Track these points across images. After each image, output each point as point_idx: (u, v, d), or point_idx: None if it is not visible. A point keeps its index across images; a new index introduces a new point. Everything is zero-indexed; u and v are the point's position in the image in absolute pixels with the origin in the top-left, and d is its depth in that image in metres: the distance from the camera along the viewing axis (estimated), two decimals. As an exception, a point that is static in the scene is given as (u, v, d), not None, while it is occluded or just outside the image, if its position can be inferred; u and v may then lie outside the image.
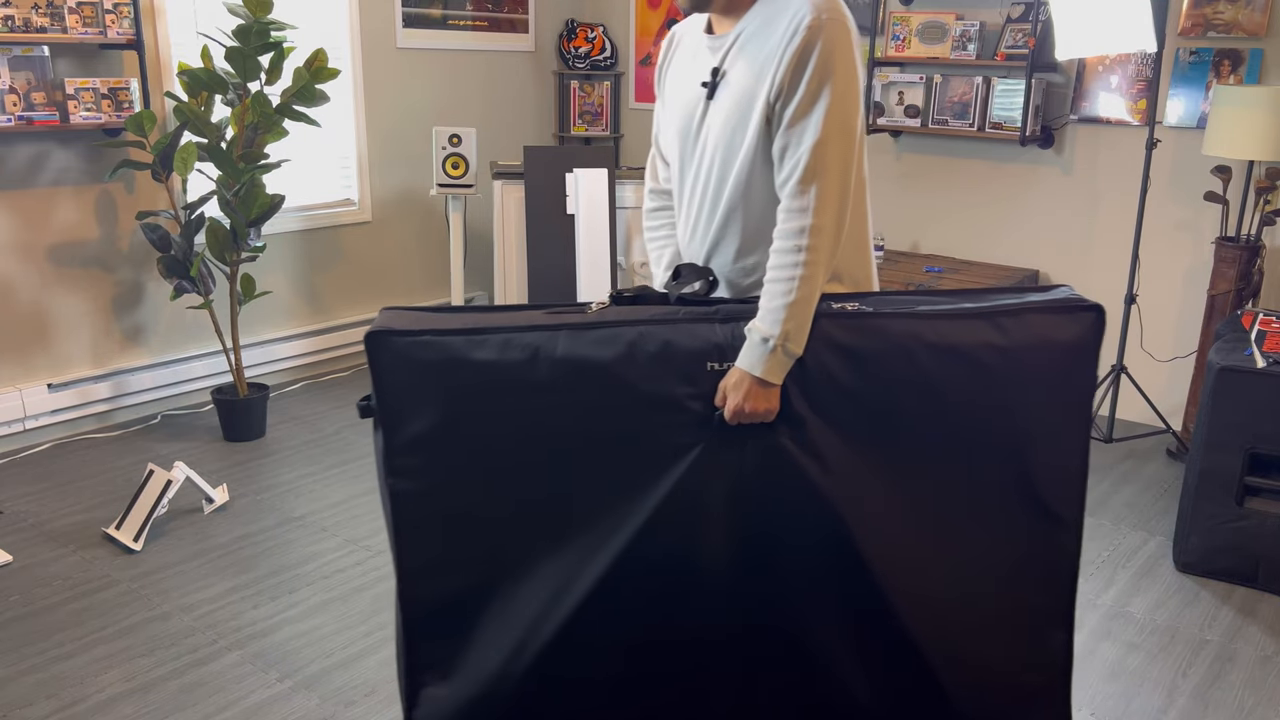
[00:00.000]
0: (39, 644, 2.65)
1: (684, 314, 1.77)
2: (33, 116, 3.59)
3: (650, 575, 1.75)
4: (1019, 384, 1.76)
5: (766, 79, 1.71)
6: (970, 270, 4.45)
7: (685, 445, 1.73)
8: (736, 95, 1.76)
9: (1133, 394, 4.31)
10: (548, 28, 5.59)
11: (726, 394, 1.70)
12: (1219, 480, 2.98)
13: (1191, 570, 3.08)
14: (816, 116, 1.68)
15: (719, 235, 1.87)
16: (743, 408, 1.69)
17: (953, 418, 1.76)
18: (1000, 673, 1.86)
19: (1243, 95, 3.47)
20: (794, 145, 1.70)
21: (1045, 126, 4.31)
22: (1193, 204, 4.06)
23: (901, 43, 4.53)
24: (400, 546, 1.78)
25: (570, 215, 4.26)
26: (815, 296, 1.70)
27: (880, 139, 4.82)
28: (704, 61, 1.85)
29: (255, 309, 4.54)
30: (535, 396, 1.72)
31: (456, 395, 1.73)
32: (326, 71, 3.81)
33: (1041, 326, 1.76)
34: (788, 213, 1.71)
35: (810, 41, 1.66)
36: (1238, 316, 3.40)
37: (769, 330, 1.68)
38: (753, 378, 1.68)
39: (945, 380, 1.74)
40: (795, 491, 1.74)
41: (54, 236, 3.87)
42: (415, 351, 1.73)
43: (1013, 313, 1.76)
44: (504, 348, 1.72)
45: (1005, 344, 1.75)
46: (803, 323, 1.69)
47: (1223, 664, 2.64)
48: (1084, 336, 1.76)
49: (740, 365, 1.70)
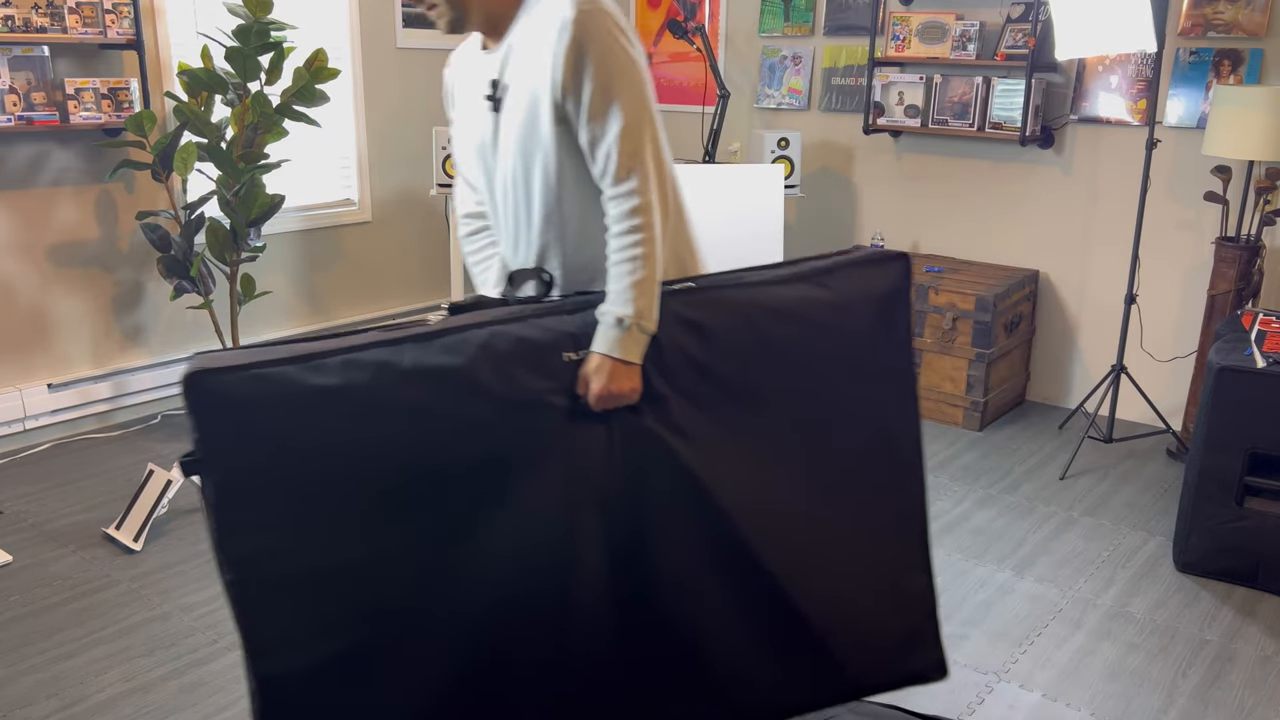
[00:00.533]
0: (39, 644, 2.65)
1: (531, 310, 1.75)
2: (33, 116, 3.59)
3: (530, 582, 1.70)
4: (850, 335, 1.89)
5: (546, 80, 1.73)
6: (970, 270, 4.45)
7: (552, 441, 1.70)
8: (522, 102, 1.78)
9: (1133, 394, 4.31)
10: (548, 28, 5.59)
11: (589, 381, 1.71)
12: (1219, 480, 2.98)
13: (1191, 570, 3.08)
14: (614, 103, 1.72)
15: (544, 241, 1.87)
16: (608, 390, 1.70)
17: (798, 377, 1.86)
18: (871, 619, 1.97)
19: (1243, 95, 3.47)
20: (601, 136, 1.73)
21: (1045, 126, 4.31)
22: (1193, 204, 4.06)
23: (901, 43, 4.53)
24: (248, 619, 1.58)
25: (570, 215, 4.25)
26: (659, 273, 1.74)
27: (880, 139, 4.82)
28: (483, 77, 1.88)
29: (255, 309, 4.54)
30: (387, 417, 1.60)
31: (298, 430, 1.56)
32: (326, 71, 3.81)
33: (860, 280, 1.90)
34: (615, 200, 1.74)
35: (579, 36, 1.69)
36: (1238, 316, 3.40)
37: (621, 310, 1.71)
38: (613, 360, 1.70)
39: (786, 341, 1.84)
40: (666, 471, 1.76)
41: (54, 236, 3.87)
42: (245, 388, 1.54)
43: (831, 270, 1.90)
44: (346, 369, 1.59)
45: (833, 299, 1.88)
46: (652, 299, 1.73)
47: (1223, 664, 2.64)
48: (897, 283, 1.92)
49: (598, 350, 1.71)
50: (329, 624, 1.61)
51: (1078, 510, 3.50)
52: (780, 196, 4.36)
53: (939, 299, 4.18)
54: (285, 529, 1.57)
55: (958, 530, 3.32)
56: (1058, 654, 2.66)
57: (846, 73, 4.85)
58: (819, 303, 1.87)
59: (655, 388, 1.75)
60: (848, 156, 4.95)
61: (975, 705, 2.45)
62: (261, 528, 1.56)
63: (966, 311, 4.12)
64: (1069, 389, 4.51)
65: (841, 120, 4.92)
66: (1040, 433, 4.21)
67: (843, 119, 4.92)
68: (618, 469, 1.74)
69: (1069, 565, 3.12)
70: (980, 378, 4.14)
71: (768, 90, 5.11)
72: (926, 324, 4.23)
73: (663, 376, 1.76)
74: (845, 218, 5.03)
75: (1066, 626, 2.79)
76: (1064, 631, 2.77)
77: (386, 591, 1.63)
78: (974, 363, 4.14)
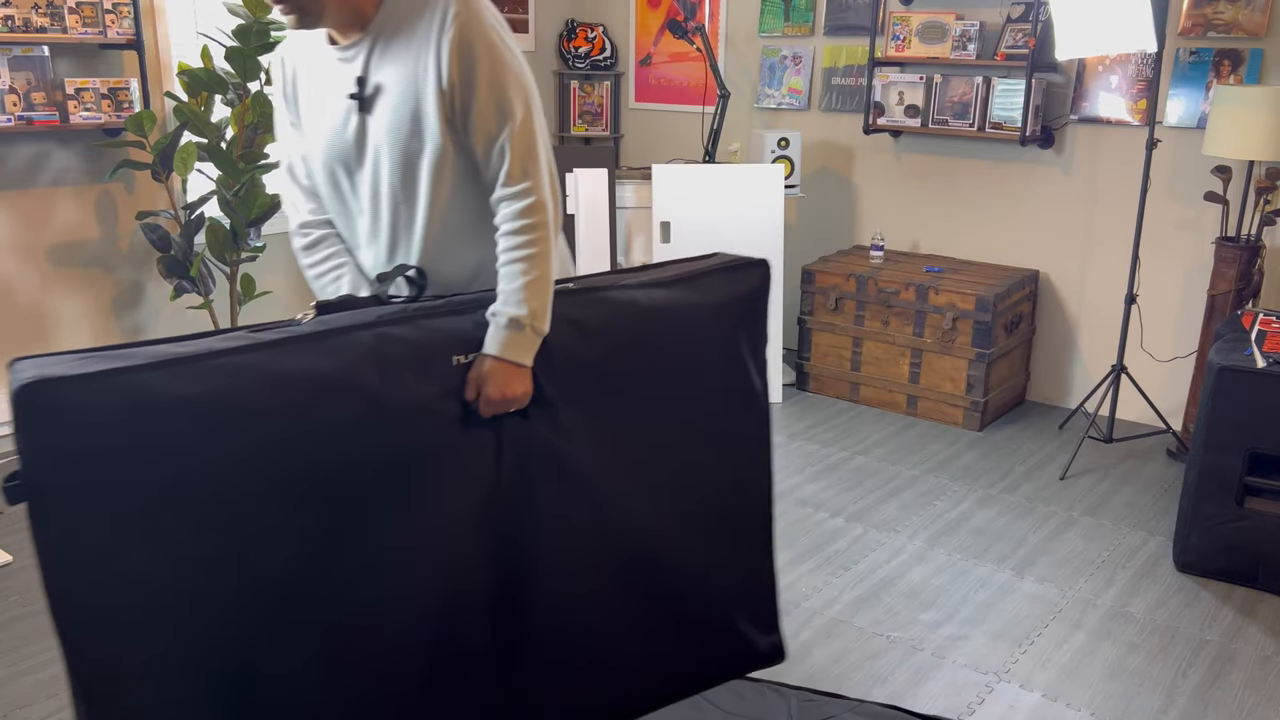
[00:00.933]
0: (39, 644, 2.65)
1: (415, 310, 1.65)
2: (33, 116, 3.59)
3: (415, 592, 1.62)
4: (718, 336, 1.96)
5: (430, 78, 1.67)
6: (970, 270, 4.45)
7: (439, 449, 1.61)
8: (398, 100, 1.70)
9: (1133, 394, 4.31)
10: (548, 28, 5.59)
11: (480, 386, 1.64)
12: (1219, 480, 2.98)
13: (1191, 570, 3.08)
14: (505, 102, 1.68)
15: (426, 248, 1.79)
16: (501, 395, 1.64)
17: (673, 377, 1.89)
18: (726, 607, 2.05)
19: (1243, 95, 3.47)
20: (494, 136, 1.69)
21: (1045, 126, 4.31)
22: (1193, 204, 4.06)
23: (901, 43, 4.53)
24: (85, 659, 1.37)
25: (570, 215, 4.26)
26: (553, 273, 1.71)
27: (880, 139, 4.82)
28: (339, 74, 1.76)
29: (255, 309, 4.54)
30: (263, 429, 1.44)
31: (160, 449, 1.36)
32: (326, 71, 3.80)
33: (730, 283, 1.97)
34: (508, 199, 1.71)
35: (465, 33, 1.64)
36: (1238, 316, 3.40)
37: (515, 311, 1.66)
38: (505, 363, 1.65)
39: (665, 342, 1.87)
40: (554, 476, 1.74)
41: (54, 236, 3.87)
42: (97, 401, 1.31)
43: (704, 273, 1.95)
44: (214, 375, 1.41)
45: (706, 302, 1.93)
46: (546, 300, 1.70)
47: (1223, 664, 2.64)
48: (759, 287, 2.01)
49: (490, 352, 1.65)
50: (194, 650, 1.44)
51: (1078, 510, 3.50)
52: (780, 196, 4.36)
53: (939, 299, 4.18)
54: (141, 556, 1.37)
55: (958, 530, 3.32)
56: (1058, 654, 2.66)
57: (846, 73, 4.85)
58: (694, 305, 1.91)
59: (544, 391, 1.72)
60: (848, 156, 4.95)
61: (975, 705, 2.45)
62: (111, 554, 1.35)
63: (966, 311, 4.12)
64: (1069, 389, 4.51)
65: (841, 120, 4.92)
66: (1040, 433, 4.21)
67: (843, 119, 4.92)
68: (507, 476, 1.69)
69: (1069, 565, 3.12)
70: (980, 378, 4.14)
71: (768, 90, 5.11)
72: (926, 324, 4.23)
73: (551, 379, 1.72)
74: (845, 218, 5.02)
75: (1066, 626, 2.79)
76: (1064, 631, 2.77)
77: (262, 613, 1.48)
78: (974, 363, 4.14)
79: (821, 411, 4.38)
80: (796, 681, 2.51)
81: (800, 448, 3.97)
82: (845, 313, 4.44)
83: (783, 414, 4.34)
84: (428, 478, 1.61)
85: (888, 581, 3.00)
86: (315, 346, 1.51)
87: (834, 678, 2.53)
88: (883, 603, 2.88)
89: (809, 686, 2.48)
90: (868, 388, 4.45)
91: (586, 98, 5.67)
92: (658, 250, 4.28)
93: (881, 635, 2.72)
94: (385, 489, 1.57)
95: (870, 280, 4.34)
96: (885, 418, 4.33)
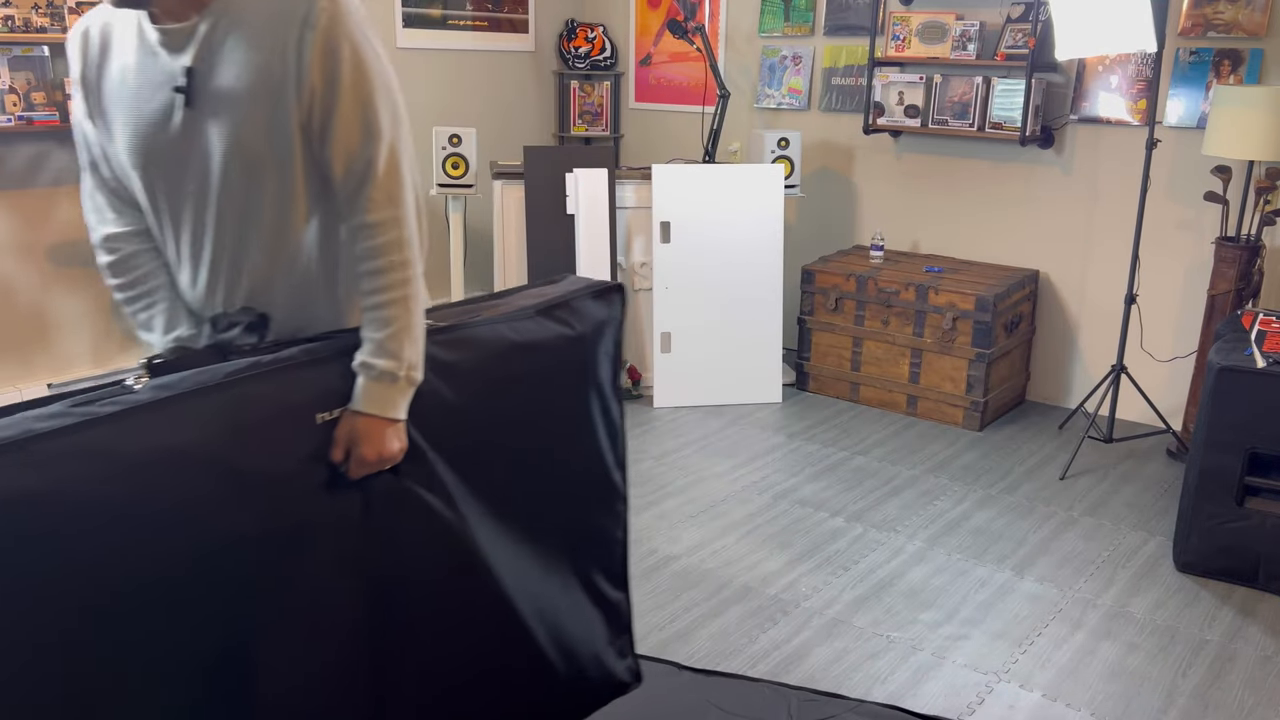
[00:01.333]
0: None
1: (270, 362, 1.45)
2: (33, 116, 3.59)
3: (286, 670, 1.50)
4: (581, 364, 1.89)
5: (287, 78, 1.44)
6: (970, 270, 4.45)
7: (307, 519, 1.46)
8: (243, 100, 1.45)
9: (1133, 394, 4.31)
10: (548, 28, 5.59)
11: (351, 445, 1.48)
12: (1219, 480, 2.98)
13: (1191, 570, 3.08)
14: (371, 116, 1.48)
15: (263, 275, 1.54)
16: (378, 455, 1.48)
17: (540, 412, 1.82)
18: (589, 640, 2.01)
19: (1243, 95, 3.47)
20: (356, 153, 1.48)
21: (1045, 126, 4.31)
22: (1193, 204, 4.06)
23: (901, 43, 4.53)
24: None
25: (570, 215, 4.26)
26: (422, 314, 1.53)
27: (880, 139, 4.82)
28: (161, 62, 1.49)
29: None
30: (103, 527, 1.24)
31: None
32: (326, 71, 3.80)
33: (591, 310, 1.91)
34: (371, 229, 1.49)
35: (330, 33, 1.43)
36: (1238, 316, 3.40)
37: (389, 362, 1.49)
38: (378, 418, 1.48)
39: (533, 376, 1.80)
40: (428, 534, 1.62)
41: (54, 236, 3.87)
42: None
43: (565, 302, 1.88)
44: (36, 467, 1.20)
45: (570, 333, 1.87)
46: (419, 347, 1.52)
47: (1223, 664, 2.64)
48: (615, 313, 1.96)
49: (360, 408, 1.48)
50: None
51: (1078, 510, 3.50)
52: (780, 196, 4.36)
53: (939, 299, 4.18)
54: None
55: (958, 530, 3.32)
56: (1058, 654, 2.66)
57: (846, 73, 4.85)
58: (561, 336, 1.85)
59: (415, 443, 1.57)
60: (848, 156, 4.95)
61: (975, 705, 2.45)
62: None
63: (966, 311, 4.12)
64: (1069, 389, 4.51)
65: (841, 120, 4.92)
66: (1040, 433, 4.21)
67: (843, 119, 4.92)
68: (376, 540, 1.55)
69: (1069, 565, 3.12)
70: (980, 378, 4.14)
71: (768, 90, 5.11)
72: (926, 324, 4.23)
73: (422, 430, 1.57)
74: (845, 218, 5.02)
75: (1066, 626, 2.79)
76: (1064, 631, 2.77)
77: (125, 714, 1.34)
78: (974, 363, 4.14)
79: (821, 411, 4.38)
80: (796, 681, 2.51)
81: (800, 448, 3.97)
82: (845, 313, 4.44)
83: (783, 414, 4.34)
84: (294, 552, 1.45)
85: (887, 581, 3.00)
86: (160, 417, 1.31)
87: (834, 678, 2.53)
88: (883, 603, 2.88)
89: (809, 686, 2.48)
90: (868, 388, 4.45)
91: (586, 98, 5.67)
92: (658, 250, 4.28)
93: (881, 635, 2.72)
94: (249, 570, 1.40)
95: (870, 280, 4.34)
96: (885, 418, 4.33)
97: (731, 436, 4.07)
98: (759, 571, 3.03)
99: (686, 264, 4.31)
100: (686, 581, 2.96)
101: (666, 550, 3.14)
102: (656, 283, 4.31)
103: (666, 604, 2.84)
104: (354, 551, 1.53)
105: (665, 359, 4.35)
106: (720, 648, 2.64)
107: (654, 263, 4.30)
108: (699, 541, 3.20)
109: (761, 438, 4.06)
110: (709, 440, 4.03)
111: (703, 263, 4.32)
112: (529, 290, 1.94)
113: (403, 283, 1.51)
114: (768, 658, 2.61)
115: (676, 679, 2.49)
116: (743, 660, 2.59)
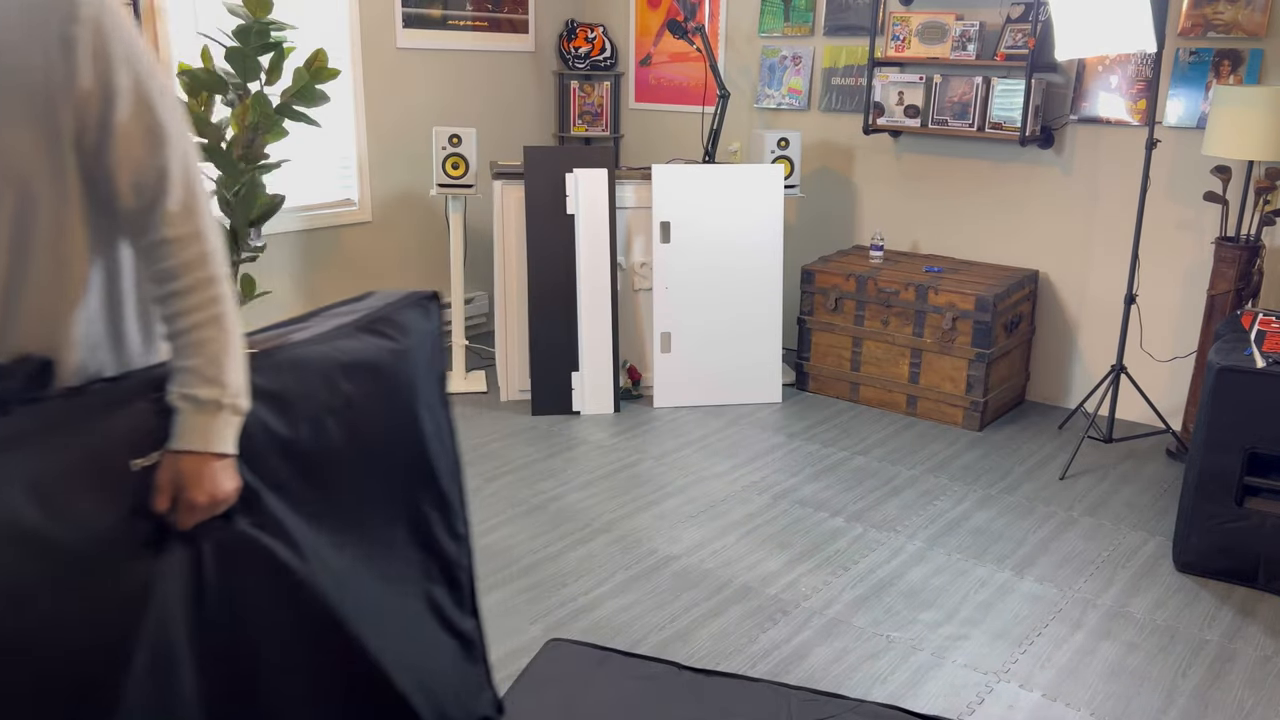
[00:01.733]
0: (39, 644, 2.65)
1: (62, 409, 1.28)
2: (33, 117, 3.58)
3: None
4: (410, 380, 1.81)
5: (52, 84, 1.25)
6: (970, 270, 4.45)
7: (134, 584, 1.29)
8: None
9: (1133, 394, 4.31)
10: (548, 28, 5.59)
11: (177, 490, 1.33)
12: (1219, 480, 2.98)
13: (1191, 570, 3.08)
14: (156, 121, 1.32)
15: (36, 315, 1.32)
16: (211, 497, 1.34)
17: (372, 435, 1.70)
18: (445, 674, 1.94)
19: (1243, 95, 3.47)
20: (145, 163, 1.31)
21: (1045, 126, 4.31)
22: (1193, 204, 4.06)
23: (901, 43, 4.53)
24: None
25: (570, 215, 4.26)
26: (240, 334, 1.40)
27: (880, 139, 4.82)
28: None
29: (255, 309, 4.54)
30: None
31: None
32: (326, 72, 3.81)
33: (412, 322, 1.84)
34: (171, 244, 1.33)
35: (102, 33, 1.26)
36: (1237, 316, 3.40)
37: (210, 390, 1.34)
38: (207, 455, 1.33)
39: (364, 397, 1.68)
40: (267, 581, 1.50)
41: (54, 236, 3.86)
42: None
43: (386, 316, 1.80)
44: None
45: (396, 347, 1.78)
46: (241, 370, 1.38)
47: (1223, 664, 2.64)
48: (435, 322, 1.90)
49: (184, 446, 1.33)
50: None
51: (1078, 510, 3.50)
52: (780, 196, 4.36)
53: (939, 299, 4.18)
54: None
55: (958, 530, 3.33)
56: (1057, 654, 2.67)
57: (846, 73, 4.85)
58: (387, 351, 1.75)
59: (246, 482, 1.44)
60: (848, 156, 4.95)
61: (975, 705, 2.45)
62: None
63: (966, 311, 4.12)
64: (1069, 389, 4.51)
65: (841, 120, 4.92)
66: (1040, 433, 4.21)
67: (843, 119, 4.92)
68: (213, 594, 1.41)
69: (1069, 565, 3.12)
70: (980, 378, 4.14)
71: (768, 90, 5.11)
72: (926, 324, 4.23)
73: (252, 467, 1.44)
74: (845, 218, 5.03)
75: (1066, 626, 2.79)
76: (1064, 631, 2.77)
77: None
78: (974, 363, 4.14)
79: (821, 411, 4.38)
80: (796, 681, 2.51)
81: (800, 448, 3.97)
82: (845, 313, 4.44)
83: (783, 414, 4.34)
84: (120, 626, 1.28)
85: (887, 581, 3.00)
86: None
87: (834, 678, 2.53)
88: (882, 603, 2.88)
89: (809, 686, 2.49)
90: (867, 388, 4.45)
91: (586, 98, 5.67)
92: (657, 250, 4.28)
93: (881, 635, 2.73)
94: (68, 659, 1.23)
95: (870, 280, 4.34)
96: (885, 418, 4.33)
97: (731, 436, 4.07)
98: (759, 571, 3.03)
99: (686, 264, 4.31)
100: (686, 581, 2.97)
101: (666, 550, 3.14)
102: (656, 283, 4.31)
103: (666, 604, 2.84)
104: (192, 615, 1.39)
105: (665, 359, 4.36)
106: (720, 648, 2.64)
107: (654, 263, 4.30)
108: (699, 541, 3.20)
109: (761, 438, 4.06)
110: (709, 440, 4.03)
111: (702, 263, 4.32)
112: (337, 309, 1.81)
113: (212, 301, 1.35)
114: (767, 658, 2.61)
115: (676, 679, 2.49)
116: (743, 660, 2.60)
